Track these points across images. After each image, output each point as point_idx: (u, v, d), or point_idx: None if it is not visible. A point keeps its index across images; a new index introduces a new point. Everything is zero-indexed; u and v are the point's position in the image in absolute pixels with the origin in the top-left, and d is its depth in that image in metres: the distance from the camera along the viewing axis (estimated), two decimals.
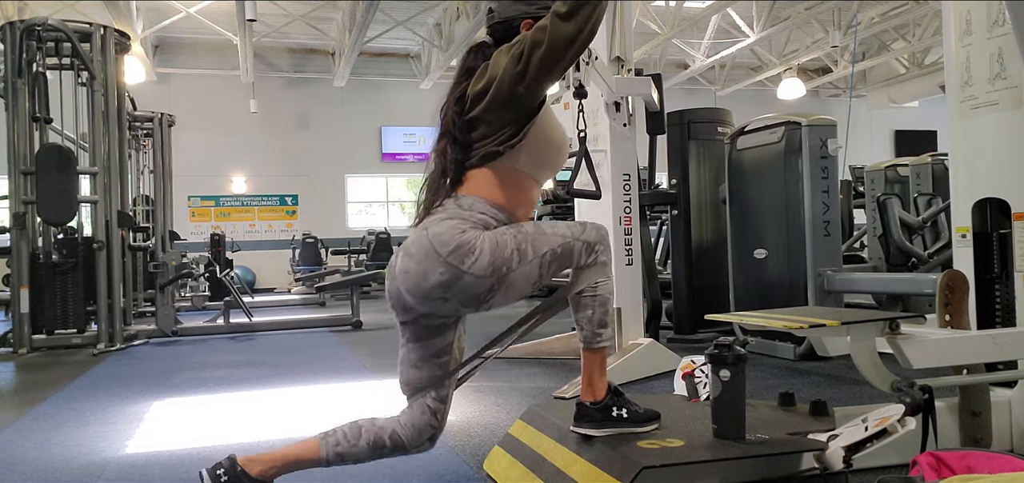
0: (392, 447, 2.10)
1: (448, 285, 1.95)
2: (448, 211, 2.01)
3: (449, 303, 2.01)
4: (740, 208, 4.91)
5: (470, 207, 2.01)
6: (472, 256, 1.94)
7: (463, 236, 1.95)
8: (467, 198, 2.03)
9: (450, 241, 1.95)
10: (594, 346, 2.12)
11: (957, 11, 2.68)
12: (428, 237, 1.97)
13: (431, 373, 2.12)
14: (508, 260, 1.97)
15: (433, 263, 1.94)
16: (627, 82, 4.31)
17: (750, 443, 2.12)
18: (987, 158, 2.60)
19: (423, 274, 1.96)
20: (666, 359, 4.11)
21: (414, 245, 1.99)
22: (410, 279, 1.98)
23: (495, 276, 1.97)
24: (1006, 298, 2.62)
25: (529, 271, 2.01)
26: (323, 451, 2.06)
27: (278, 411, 3.64)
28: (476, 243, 1.95)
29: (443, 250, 1.94)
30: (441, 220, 2.00)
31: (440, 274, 1.94)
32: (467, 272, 1.94)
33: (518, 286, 2.02)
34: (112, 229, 6.47)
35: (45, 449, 2.97)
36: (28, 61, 6.22)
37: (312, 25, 13.70)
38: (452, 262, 1.94)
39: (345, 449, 2.07)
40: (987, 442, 2.32)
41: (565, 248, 2.05)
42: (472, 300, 2.01)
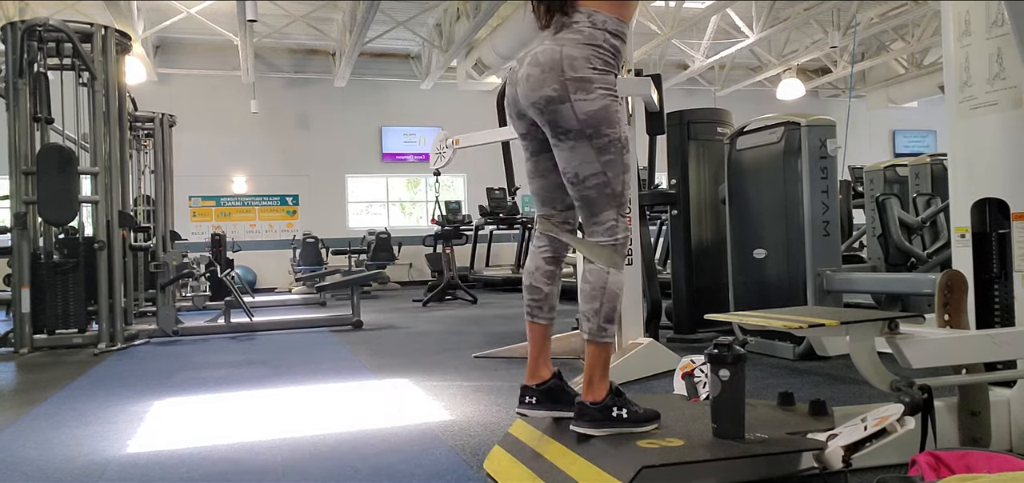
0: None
1: (551, 100, 2.04)
2: (584, 33, 2.07)
3: (543, 116, 2.09)
4: (740, 208, 4.92)
5: (603, 25, 2.07)
6: (586, 96, 2.03)
7: (592, 73, 2.04)
8: (599, 14, 2.08)
9: (579, 69, 2.03)
10: (599, 340, 2.13)
11: (956, 11, 2.68)
12: (561, 54, 2.05)
13: (557, 180, 2.21)
14: (599, 132, 2.05)
15: (553, 77, 2.03)
16: (627, 82, 4.31)
17: (750, 443, 2.12)
18: (986, 158, 2.60)
19: (540, 82, 2.05)
20: (666, 359, 4.12)
21: (544, 55, 2.07)
22: (528, 84, 2.08)
23: (582, 128, 2.05)
24: (1005, 298, 2.62)
25: (593, 161, 2.08)
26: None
27: (278, 411, 3.64)
28: (596, 91, 2.04)
29: (569, 72, 2.03)
30: (578, 43, 2.06)
31: (553, 89, 2.03)
32: (572, 101, 2.03)
33: (578, 156, 2.09)
34: (113, 229, 6.48)
35: (46, 449, 2.98)
36: (29, 61, 6.22)
37: (312, 25, 13.70)
38: (568, 85, 2.02)
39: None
40: (986, 442, 2.33)
41: (615, 198, 2.14)
42: (552, 125, 2.08)
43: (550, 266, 2.33)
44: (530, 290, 2.34)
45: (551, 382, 2.31)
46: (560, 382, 2.33)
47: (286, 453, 2.77)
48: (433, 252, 12.29)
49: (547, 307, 2.33)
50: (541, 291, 2.32)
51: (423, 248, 13.23)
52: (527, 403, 2.31)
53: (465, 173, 15.58)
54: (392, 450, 2.74)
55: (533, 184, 2.32)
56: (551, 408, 2.30)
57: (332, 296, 10.73)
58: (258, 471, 2.56)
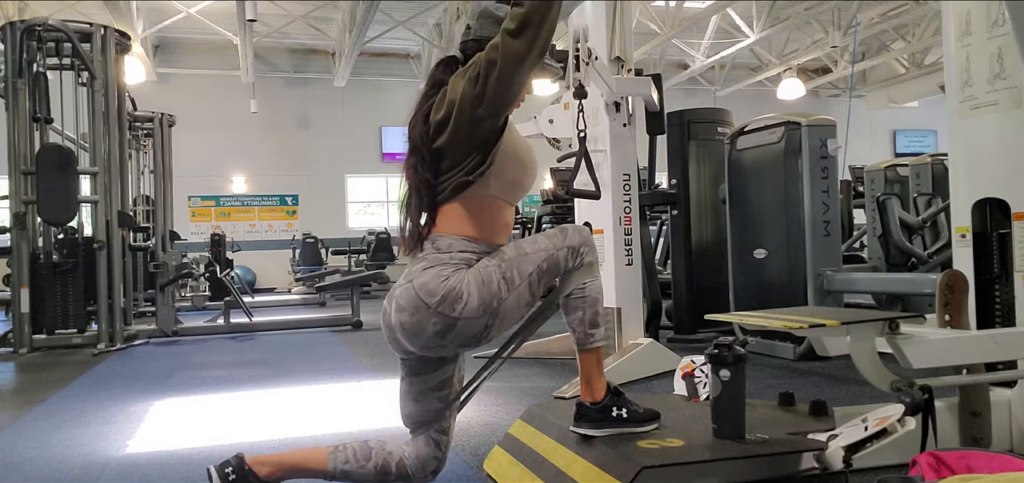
0: (397, 476, 2.09)
1: (444, 333, 1.95)
2: (428, 259, 1.99)
3: (448, 348, 2.02)
4: (740, 208, 4.92)
5: (449, 249, 1.99)
6: (461, 301, 1.93)
7: (447, 283, 1.94)
8: (444, 238, 2.00)
9: (436, 291, 1.93)
10: (587, 347, 2.12)
11: (957, 11, 2.68)
12: (414, 289, 1.96)
13: (431, 406, 2.11)
14: (497, 293, 1.96)
15: (425, 315, 1.94)
16: (627, 82, 4.31)
17: (750, 443, 2.12)
18: (987, 158, 2.60)
19: (418, 325, 1.95)
20: (666, 359, 4.11)
21: (403, 298, 1.98)
22: (406, 331, 1.98)
23: (488, 313, 1.96)
24: (1006, 298, 2.62)
25: (520, 296, 2.00)
26: (330, 465, 2.06)
27: (278, 411, 3.64)
28: (462, 287, 1.94)
29: (431, 301, 1.93)
30: (423, 270, 1.98)
31: (434, 324, 1.94)
32: (460, 317, 1.93)
33: (512, 314, 2.01)
34: (112, 229, 6.47)
35: (46, 449, 2.97)
36: (28, 61, 6.22)
37: (312, 25, 13.70)
38: (443, 311, 1.92)
39: (352, 468, 2.06)
40: (987, 442, 2.32)
41: (550, 261, 2.04)
42: (471, 339, 2.00)
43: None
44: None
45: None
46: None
47: None
48: None
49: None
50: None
51: None
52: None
53: None
54: None
55: (406, 407, 2.13)
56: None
57: (332, 296, 10.73)
58: None
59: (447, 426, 2.14)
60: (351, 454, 2.07)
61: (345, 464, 2.06)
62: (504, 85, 1.92)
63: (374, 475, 2.07)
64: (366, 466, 2.06)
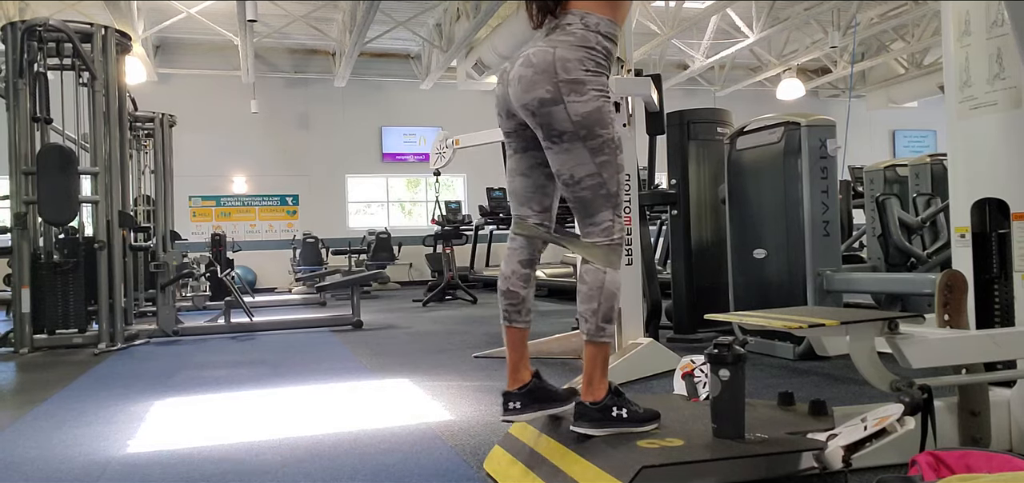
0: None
1: (544, 103, 2.04)
2: (577, 35, 2.07)
3: (534, 118, 2.09)
4: (740, 208, 4.92)
5: (597, 27, 2.08)
6: (580, 98, 2.03)
7: (585, 74, 2.04)
8: (592, 16, 2.09)
9: (572, 71, 2.03)
10: (597, 340, 2.13)
11: (956, 11, 2.69)
12: (555, 55, 2.04)
13: (537, 181, 2.23)
14: (592, 133, 2.06)
15: (546, 79, 2.03)
16: (627, 82, 4.32)
17: (750, 443, 2.12)
18: (986, 158, 2.60)
19: (534, 83, 2.05)
20: (666, 359, 4.12)
21: (537, 55, 2.07)
22: (520, 85, 2.07)
23: (576, 129, 2.05)
24: (1005, 298, 2.62)
25: (586, 162, 2.09)
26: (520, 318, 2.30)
27: (279, 411, 3.64)
28: (591, 92, 2.04)
29: (562, 74, 2.03)
30: (572, 45, 2.06)
31: (546, 91, 2.03)
32: (566, 104, 2.03)
33: (573, 158, 2.09)
34: (113, 229, 6.47)
35: (46, 449, 2.98)
36: (29, 61, 6.22)
37: (312, 25, 13.70)
38: (561, 87, 2.02)
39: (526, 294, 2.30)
40: (986, 442, 2.33)
41: (610, 199, 2.14)
42: (546, 128, 2.08)
43: (526, 269, 2.31)
44: (506, 295, 2.31)
45: (532, 384, 2.28)
46: (540, 382, 2.31)
47: (286, 453, 2.77)
48: (433, 252, 12.29)
49: (524, 310, 2.31)
50: (518, 295, 2.30)
51: (423, 248, 13.23)
52: (511, 408, 2.28)
53: (465, 173, 15.57)
54: (392, 450, 2.74)
55: (514, 182, 2.30)
56: (537, 408, 2.28)
57: (332, 296, 10.73)
58: (258, 471, 2.56)
59: (550, 205, 2.28)
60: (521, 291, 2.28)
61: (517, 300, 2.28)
62: None
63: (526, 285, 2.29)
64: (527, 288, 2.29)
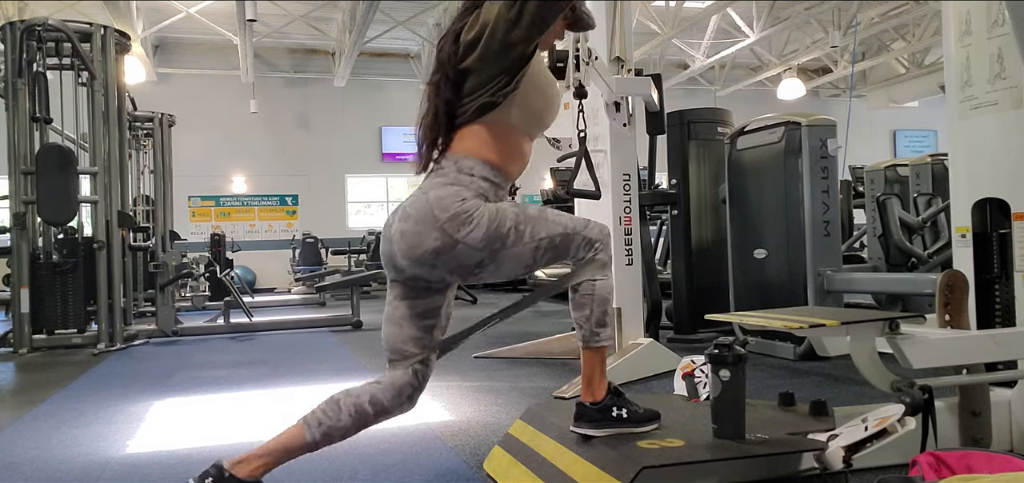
0: (375, 413, 2.04)
1: (440, 251, 1.94)
2: (449, 175, 1.99)
3: (437, 270, 1.99)
4: (740, 208, 4.92)
5: (470, 170, 1.99)
6: (469, 226, 1.93)
7: (463, 204, 1.94)
8: (466, 159, 1.99)
9: (449, 208, 1.93)
10: (593, 345, 2.12)
11: (957, 11, 2.68)
12: (428, 201, 1.96)
13: (411, 333, 2.07)
14: (504, 237, 1.96)
15: (429, 228, 1.93)
16: (627, 82, 4.31)
17: (750, 443, 2.12)
18: (987, 158, 2.60)
19: (418, 237, 1.94)
20: (666, 359, 4.11)
21: (413, 207, 1.98)
22: (405, 241, 1.96)
23: (488, 250, 1.95)
24: (1006, 298, 2.62)
25: (522, 252, 1.99)
26: (308, 435, 2.01)
27: (278, 411, 3.64)
28: (475, 214, 1.94)
29: (442, 216, 1.93)
30: (443, 185, 1.98)
31: (434, 240, 1.93)
32: (461, 241, 1.92)
33: (508, 265, 2.00)
34: (112, 229, 6.47)
35: (46, 449, 2.97)
36: (28, 61, 6.22)
37: (312, 25, 13.70)
38: (448, 229, 1.92)
39: (329, 427, 2.01)
40: (987, 442, 2.32)
41: (564, 239, 2.04)
42: (461, 269, 1.99)
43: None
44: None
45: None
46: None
47: None
48: None
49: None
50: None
51: None
52: None
53: None
54: (392, 450, 2.73)
55: (388, 327, 2.10)
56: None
57: (332, 296, 10.72)
58: None
59: (428, 358, 2.10)
60: (322, 414, 2.02)
61: (320, 427, 2.01)
62: (544, 13, 1.93)
63: (352, 422, 2.03)
64: (341, 418, 2.01)
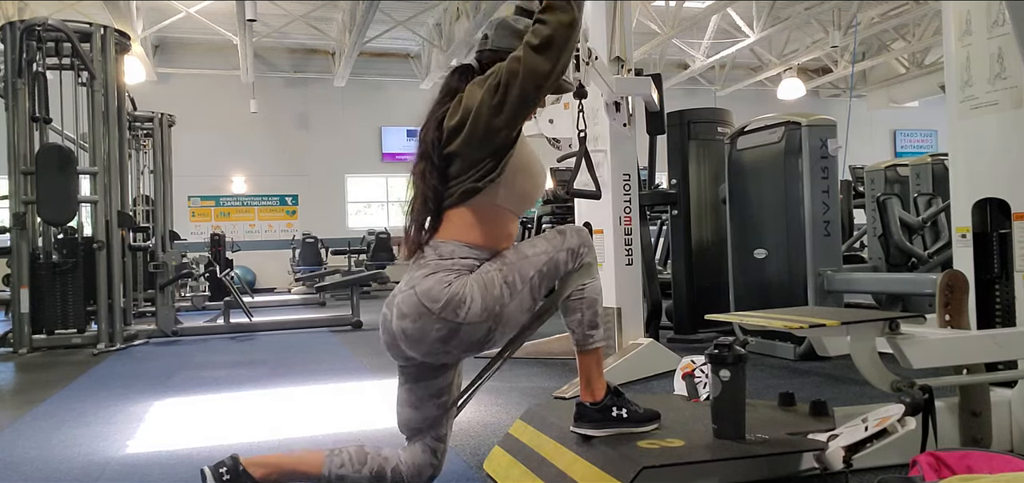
0: (392, 481, 2.07)
1: (447, 338, 1.94)
2: (430, 264, 1.99)
3: (451, 354, 2.01)
4: (740, 208, 4.92)
5: (451, 255, 1.99)
6: (464, 306, 1.93)
7: (450, 289, 1.93)
8: (447, 245, 2.00)
9: (439, 297, 1.93)
10: (587, 348, 2.13)
11: (957, 11, 2.68)
12: (416, 296, 1.95)
13: (429, 413, 2.09)
14: (499, 298, 1.96)
15: (428, 321, 1.93)
16: (627, 82, 4.31)
17: (750, 443, 2.12)
18: (987, 158, 2.60)
19: (421, 331, 1.95)
20: (666, 359, 4.11)
21: (405, 304, 1.97)
22: (409, 338, 1.97)
23: (491, 317, 1.96)
24: (1006, 298, 2.62)
25: (522, 300, 2.00)
26: (326, 469, 2.03)
27: (278, 411, 3.64)
28: (465, 292, 1.93)
29: (434, 307, 1.92)
30: (425, 276, 1.97)
31: (437, 330, 1.93)
32: (463, 322, 1.93)
33: (515, 318, 2.01)
34: (112, 229, 6.47)
35: (45, 449, 2.97)
36: (28, 61, 6.22)
37: (312, 25, 13.69)
38: (446, 317, 1.92)
39: (348, 473, 2.04)
40: (987, 442, 2.32)
41: (550, 264, 2.05)
42: (474, 345, 2.00)
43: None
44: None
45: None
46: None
47: None
48: None
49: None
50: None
51: None
52: None
53: None
54: None
55: (404, 412, 2.12)
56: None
57: (332, 296, 10.72)
58: None
59: (444, 433, 2.13)
60: (347, 458, 2.05)
61: (340, 468, 2.03)
62: (524, 98, 1.94)
63: (369, 480, 2.05)
64: (361, 471, 2.04)
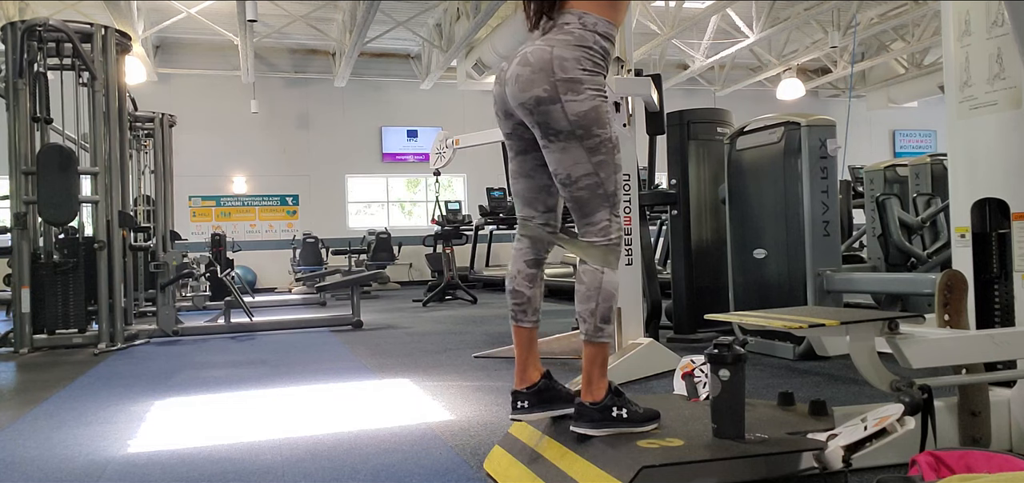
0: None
1: (541, 102, 2.04)
2: (574, 34, 2.07)
3: (531, 117, 2.09)
4: (740, 208, 4.92)
5: (594, 27, 2.07)
6: (576, 97, 2.02)
7: (583, 74, 2.04)
8: (590, 17, 2.08)
9: (569, 70, 2.03)
10: (596, 340, 2.13)
11: (956, 11, 2.69)
12: (552, 55, 2.04)
13: (541, 181, 2.23)
14: (588, 132, 2.05)
15: (543, 78, 2.03)
16: (627, 82, 4.32)
17: (750, 443, 2.12)
18: (986, 158, 2.60)
19: (531, 81, 2.04)
20: (666, 359, 4.12)
21: (534, 55, 2.06)
22: (518, 84, 2.06)
23: (571, 128, 2.05)
24: (1005, 298, 2.63)
25: (583, 160, 2.08)
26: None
27: (278, 411, 3.64)
28: (587, 93, 2.04)
29: (560, 73, 2.02)
30: (569, 44, 2.06)
31: (544, 90, 2.03)
32: (563, 103, 2.03)
33: (569, 156, 2.08)
34: (113, 229, 6.48)
35: (46, 449, 2.98)
36: (29, 61, 6.22)
37: (312, 25, 13.70)
38: (558, 86, 2.02)
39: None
40: (986, 442, 2.33)
41: (604, 198, 2.13)
42: (543, 125, 2.08)
43: (532, 269, 2.32)
44: (513, 294, 2.33)
45: (541, 383, 2.30)
46: (550, 381, 2.33)
47: (286, 453, 2.77)
48: (433, 252, 12.29)
49: (531, 310, 2.32)
50: (524, 295, 2.31)
51: (423, 248, 13.23)
52: (520, 408, 2.31)
53: (465, 173, 15.57)
54: (392, 450, 2.74)
55: (517, 184, 2.31)
56: (544, 408, 2.30)
57: (332, 296, 10.73)
58: (258, 471, 2.56)
59: (554, 205, 2.27)
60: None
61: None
62: None
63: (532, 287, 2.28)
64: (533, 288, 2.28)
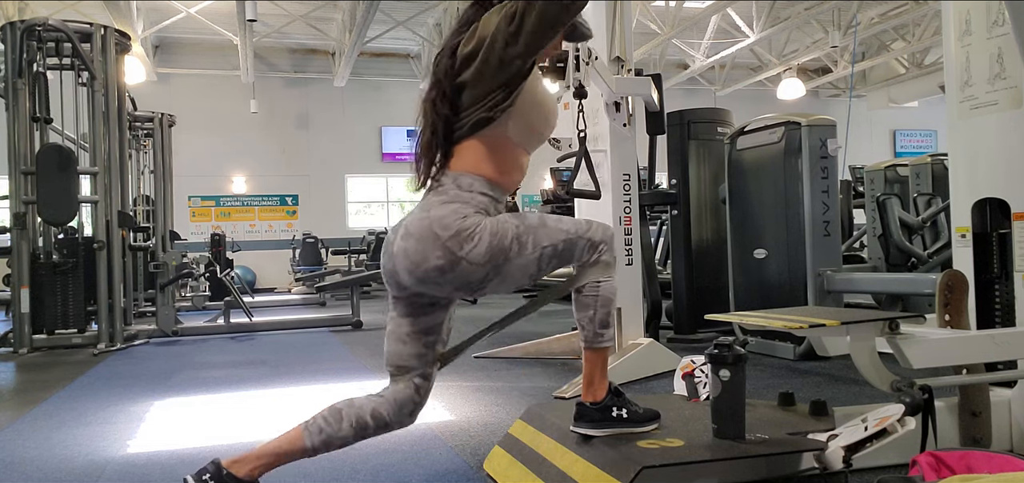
0: (375, 426, 2.06)
1: (445, 269, 1.94)
2: (448, 193, 1.99)
3: (444, 287, 2.00)
4: (740, 208, 4.92)
5: (470, 187, 1.99)
6: (471, 242, 1.93)
7: (465, 222, 1.94)
8: (465, 176, 2.00)
9: (451, 226, 1.93)
10: (596, 346, 2.12)
11: (957, 11, 2.68)
12: (429, 219, 1.95)
13: (415, 350, 2.09)
14: (507, 250, 1.96)
15: (432, 246, 1.93)
16: (627, 82, 4.31)
17: (750, 443, 2.12)
18: (987, 158, 2.60)
19: (422, 255, 1.94)
20: (666, 359, 4.11)
21: (414, 226, 1.98)
22: (408, 260, 1.96)
23: (491, 264, 1.95)
24: (1006, 298, 2.62)
25: (526, 263, 1.99)
26: (307, 440, 2.02)
27: (278, 411, 3.64)
28: (476, 230, 1.94)
29: (444, 234, 1.93)
30: (443, 203, 1.97)
31: (437, 258, 1.93)
32: (464, 258, 1.93)
33: (514, 277, 2.00)
34: (112, 229, 6.47)
35: (46, 449, 2.97)
36: (28, 61, 6.22)
37: (312, 25, 13.70)
38: (451, 247, 1.92)
39: (330, 434, 2.03)
40: (987, 442, 2.32)
41: (567, 244, 2.04)
42: (466, 286, 1.99)
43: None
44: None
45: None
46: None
47: None
48: None
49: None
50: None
51: None
52: None
53: None
54: (392, 450, 2.73)
55: (391, 343, 2.12)
56: None
57: (332, 296, 10.72)
58: None
59: (430, 374, 2.12)
60: (323, 421, 2.04)
61: (320, 434, 2.03)
62: (543, 28, 1.91)
63: (352, 433, 2.04)
64: (342, 427, 2.03)
